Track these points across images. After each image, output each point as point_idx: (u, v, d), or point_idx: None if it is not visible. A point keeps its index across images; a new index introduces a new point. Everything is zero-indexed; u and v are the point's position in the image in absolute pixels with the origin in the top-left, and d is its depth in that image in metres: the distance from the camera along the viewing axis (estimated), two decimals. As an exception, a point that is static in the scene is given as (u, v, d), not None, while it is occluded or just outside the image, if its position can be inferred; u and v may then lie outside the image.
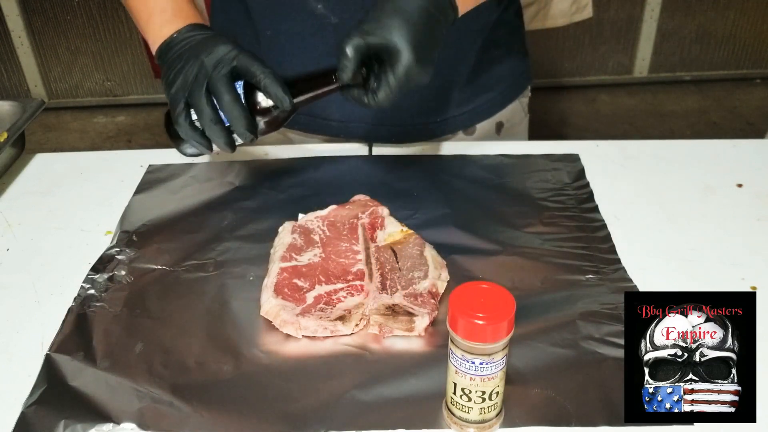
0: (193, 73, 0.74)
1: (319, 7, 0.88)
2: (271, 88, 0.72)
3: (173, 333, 0.69)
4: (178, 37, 0.78)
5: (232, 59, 0.74)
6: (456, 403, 0.58)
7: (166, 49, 0.78)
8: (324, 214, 0.83)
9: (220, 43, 0.75)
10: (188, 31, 0.78)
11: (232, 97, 0.73)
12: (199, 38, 0.77)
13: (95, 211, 0.90)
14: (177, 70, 0.76)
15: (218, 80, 0.73)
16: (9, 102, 1.01)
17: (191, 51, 0.76)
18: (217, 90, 0.73)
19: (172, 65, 0.77)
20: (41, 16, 2.88)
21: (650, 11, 2.97)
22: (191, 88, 0.74)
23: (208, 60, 0.74)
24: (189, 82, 0.74)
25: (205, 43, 0.76)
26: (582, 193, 0.90)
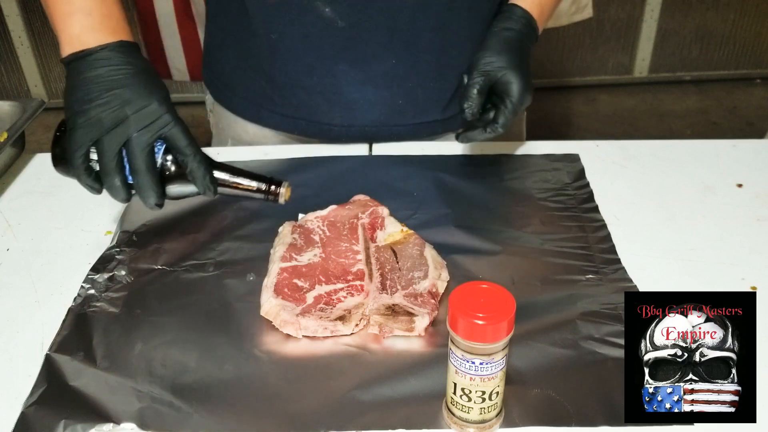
0: (111, 121, 0.67)
1: (327, 11, 0.88)
2: (196, 174, 0.70)
3: (173, 333, 0.69)
4: (102, 55, 0.69)
5: (160, 127, 0.69)
6: (456, 403, 0.58)
7: (83, 62, 0.69)
8: (324, 214, 0.83)
9: (153, 99, 0.68)
10: (117, 54, 0.69)
11: (147, 169, 0.69)
12: (127, 73, 0.69)
13: (95, 211, 0.90)
14: (93, 104, 0.68)
15: (138, 147, 0.68)
16: (9, 102, 1.01)
17: (116, 94, 0.68)
18: (133, 156, 0.68)
19: (88, 91, 0.68)
20: (41, 16, 2.87)
21: (650, 11, 2.97)
22: (105, 139, 0.67)
23: (134, 117, 0.68)
24: (104, 128, 0.67)
25: (134, 88, 0.68)
26: (582, 193, 0.90)
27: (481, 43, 0.86)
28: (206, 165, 0.71)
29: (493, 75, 0.83)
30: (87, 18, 0.70)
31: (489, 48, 0.84)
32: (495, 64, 0.83)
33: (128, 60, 0.70)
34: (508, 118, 0.84)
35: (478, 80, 0.84)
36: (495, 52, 0.84)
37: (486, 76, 0.84)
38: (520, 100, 0.83)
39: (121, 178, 0.70)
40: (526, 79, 0.84)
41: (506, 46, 0.84)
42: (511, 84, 0.83)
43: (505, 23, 0.86)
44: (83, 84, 0.68)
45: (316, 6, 0.88)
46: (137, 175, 0.69)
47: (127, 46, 0.71)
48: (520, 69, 0.84)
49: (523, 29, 0.86)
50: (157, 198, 0.71)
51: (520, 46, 0.85)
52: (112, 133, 0.67)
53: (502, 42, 0.84)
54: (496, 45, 0.84)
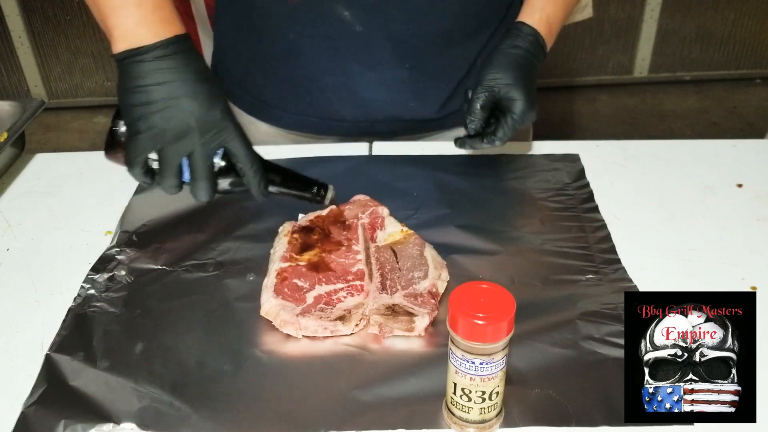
0: (175, 132, 0.66)
1: (346, 14, 0.89)
2: (252, 181, 0.70)
3: (173, 333, 0.69)
4: (159, 54, 0.66)
5: (223, 137, 0.68)
6: (456, 403, 0.58)
7: (141, 63, 0.66)
8: (324, 214, 0.83)
9: (215, 108, 0.67)
10: (174, 53, 0.67)
11: (206, 177, 0.69)
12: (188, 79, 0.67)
13: (95, 211, 0.90)
14: (155, 112, 0.66)
15: (201, 157, 0.68)
16: (9, 102, 1.01)
17: (179, 103, 0.66)
18: (195, 166, 0.68)
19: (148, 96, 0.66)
20: (41, 16, 2.88)
21: (650, 11, 2.97)
22: (168, 149, 0.67)
23: (198, 129, 0.67)
24: (168, 139, 0.66)
25: (197, 97, 0.67)
26: (582, 193, 0.90)
27: (487, 59, 0.87)
28: (261, 173, 0.71)
29: (498, 91, 0.84)
30: (138, 10, 0.67)
31: (495, 65, 0.85)
32: (500, 80, 0.84)
33: (186, 62, 0.67)
34: (507, 134, 0.85)
35: (482, 95, 0.85)
36: (501, 68, 0.85)
37: (490, 91, 0.84)
38: (522, 116, 0.84)
39: (178, 181, 0.69)
40: (530, 96, 0.85)
41: (512, 64, 0.85)
42: (514, 101, 0.84)
43: (512, 41, 0.87)
44: (143, 88, 0.66)
45: (335, 9, 0.89)
46: (196, 180, 0.69)
47: (182, 42, 0.68)
48: (525, 86, 0.84)
49: (530, 47, 0.87)
50: (210, 198, 0.71)
51: (526, 64, 0.86)
52: (177, 144, 0.67)
53: (508, 59, 0.85)
54: (503, 62, 0.85)
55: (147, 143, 0.67)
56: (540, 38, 0.88)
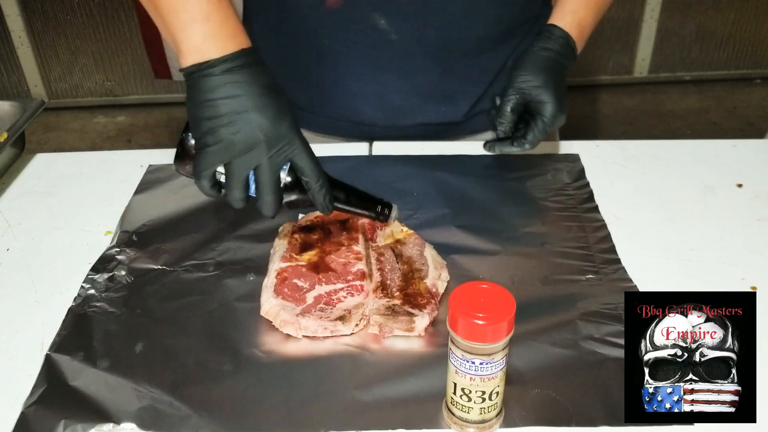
0: (243, 146, 0.66)
1: (382, 23, 0.90)
2: (317, 196, 0.70)
3: (173, 333, 0.69)
4: (225, 68, 0.66)
5: (290, 152, 0.67)
6: (456, 403, 0.58)
7: (208, 77, 0.66)
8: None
9: (283, 123, 0.67)
10: (241, 67, 0.67)
11: (273, 191, 0.68)
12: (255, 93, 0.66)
13: (95, 211, 0.90)
14: (223, 126, 0.66)
15: (268, 172, 0.67)
16: (9, 102, 1.01)
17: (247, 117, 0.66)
18: (262, 180, 0.67)
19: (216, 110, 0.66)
20: (41, 16, 2.88)
21: (650, 11, 2.97)
22: (236, 162, 0.66)
23: (265, 143, 0.66)
24: (236, 153, 0.66)
25: (264, 111, 0.66)
26: (582, 193, 0.90)
27: (517, 61, 0.87)
28: (327, 188, 0.70)
29: (528, 93, 0.85)
30: (206, 25, 0.67)
31: (525, 67, 0.86)
32: (531, 83, 0.85)
33: (254, 75, 0.67)
34: (537, 137, 0.86)
35: (513, 98, 0.85)
36: (531, 71, 0.85)
37: (521, 94, 0.85)
38: (552, 120, 0.85)
39: (245, 194, 0.69)
40: (560, 99, 0.85)
41: (543, 66, 0.85)
42: (545, 104, 0.84)
43: (543, 43, 0.87)
44: (211, 102, 0.66)
45: (372, 17, 0.89)
46: (262, 195, 0.68)
47: (249, 55, 0.68)
48: (555, 89, 0.85)
49: (561, 50, 0.87)
50: (275, 213, 0.70)
51: (556, 67, 0.86)
52: (245, 158, 0.66)
53: (539, 62, 0.86)
54: (533, 64, 0.86)
55: (215, 156, 0.66)
56: (571, 41, 0.88)
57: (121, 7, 2.85)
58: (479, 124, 1.02)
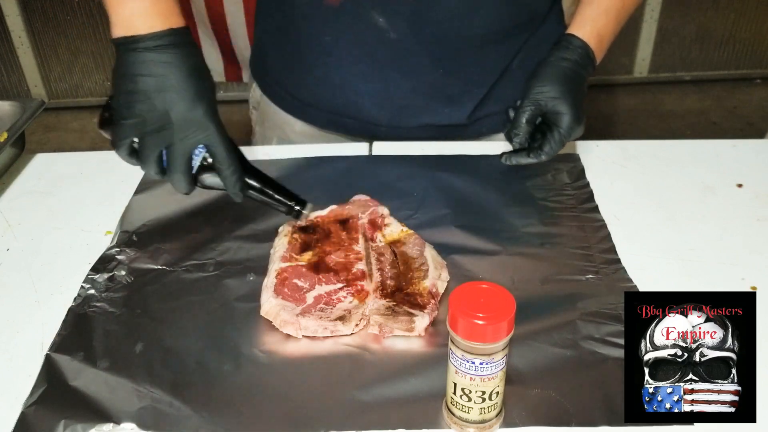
0: (155, 124, 0.67)
1: (381, 21, 0.89)
2: (228, 182, 0.71)
3: (173, 333, 0.69)
4: (151, 44, 0.67)
5: (201, 137, 0.69)
6: (456, 403, 0.58)
7: (133, 52, 0.67)
8: (324, 214, 0.83)
9: (198, 106, 0.68)
10: (167, 45, 0.68)
11: (182, 172, 0.70)
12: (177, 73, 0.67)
13: (95, 211, 0.90)
14: (140, 101, 0.67)
15: (177, 153, 0.69)
16: (9, 102, 1.01)
17: (163, 96, 0.67)
18: (171, 160, 0.69)
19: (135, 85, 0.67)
20: (41, 16, 2.88)
21: (650, 11, 2.97)
22: (147, 139, 0.68)
23: (177, 124, 0.68)
24: (147, 129, 0.68)
25: (182, 93, 0.67)
26: (582, 193, 0.90)
27: (534, 71, 0.86)
28: (239, 175, 0.72)
29: (544, 104, 0.83)
30: (137, 1, 0.68)
31: (542, 77, 0.84)
32: (547, 93, 0.83)
33: (179, 56, 0.68)
34: (554, 148, 0.84)
35: (529, 108, 0.84)
36: (548, 81, 0.84)
37: (536, 105, 0.84)
38: (568, 131, 0.84)
39: (158, 168, 0.71)
40: (577, 110, 0.83)
41: (560, 76, 0.84)
42: (561, 115, 0.83)
43: (561, 53, 0.85)
44: (132, 77, 0.67)
45: (371, 15, 0.89)
46: (171, 173, 0.70)
47: (178, 35, 0.69)
48: (572, 100, 0.83)
49: (579, 60, 0.85)
50: (187, 190, 0.72)
51: (574, 77, 0.85)
52: (155, 136, 0.68)
53: (556, 72, 0.84)
54: (550, 74, 0.84)
55: (129, 130, 0.69)
56: (590, 51, 0.86)
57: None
58: (483, 127, 1.02)
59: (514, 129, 0.85)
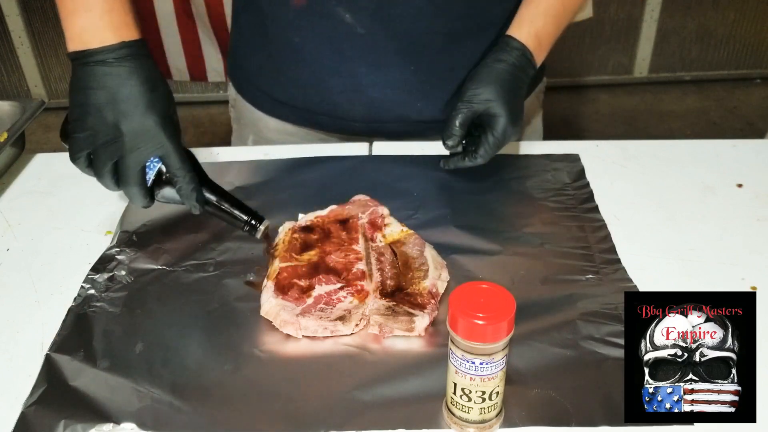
0: (105, 136, 0.68)
1: (347, 17, 0.89)
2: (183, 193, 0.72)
3: (173, 333, 0.69)
4: (101, 58, 0.68)
5: (153, 148, 0.69)
6: (456, 403, 0.58)
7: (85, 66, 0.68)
8: (324, 214, 0.83)
9: (149, 117, 0.68)
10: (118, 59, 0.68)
11: (134, 184, 0.70)
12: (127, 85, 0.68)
13: (95, 211, 0.90)
14: (90, 114, 0.68)
15: (128, 165, 0.69)
16: (9, 102, 1.01)
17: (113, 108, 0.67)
18: (123, 173, 0.69)
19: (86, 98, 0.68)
20: (41, 16, 2.88)
21: (650, 11, 2.97)
22: (99, 152, 0.68)
23: (128, 136, 0.68)
24: (98, 142, 0.68)
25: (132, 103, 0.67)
26: (582, 193, 0.90)
27: (469, 74, 0.85)
28: (195, 186, 0.72)
29: (479, 107, 0.83)
30: (87, 15, 0.68)
31: (477, 79, 0.84)
32: (481, 96, 0.82)
33: (131, 69, 0.68)
34: (489, 151, 0.84)
35: (462, 111, 0.83)
36: (483, 83, 0.83)
37: (470, 107, 0.83)
38: (503, 134, 0.83)
39: (114, 181, 0.71)
40: (512, 113, 0.83)
41: (496, 78, 0.83)
42: (496, 117, 0.82)
43: (498, 54, 0.85)
44: (83, 89, 0.68)
45: (337, 12, 0.89)
46: (124, 186, 0.71)
47: (130, 47, 0.69)
48: (507, 102, 0.82)
49: (516, 61, 0.85)
50: (144, 203, 0.73)
51: (511, 79, 0.84)
52: (106, 148, 0.68)
53: (492, 74, 0.84)
54: (486, 77, 0.83)
55: (82, 144, 0.69)
56: (527, 52, 0.86)
57: (121, 7, 2.85)
58: None
59: (447, 131, 0.84)
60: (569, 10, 0.91)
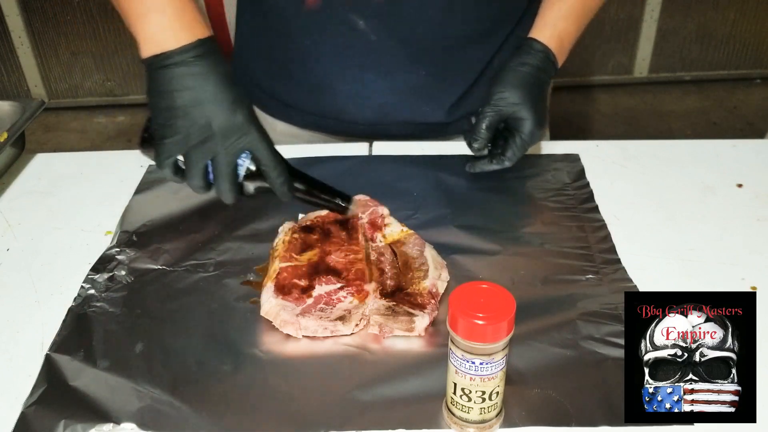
0: (198, 137, 0.67)
1: (360, 23, 0.89)
2: (275, 184, 0.71)
3: (173, 333, 0.69)
4: (181, 59, 0.67)
5: (245, 143, 0.68)
6: (456, 403, 0.58)
7: (164, 68, 0.67)
8: (324, 213, 0.83)
9: (238, 113, 0.67)
10: (196, 58, 0.67)
11: (228, 180, 0.69)
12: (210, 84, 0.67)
13: (95, 211, 0.90)
14: (179, 117, 0.67)
15: (222, 162, 0.68)
16: (9, 102, 1.01)
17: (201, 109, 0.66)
18: (217, 170, 0.69)
19: (172, 101, 0.67)
20: (41, 16, 2.88)
21: (650, 11, 2.97)
22: (192, 153, 0.68)
23: (219, 134, 0.67)
24: (191, 144, 0.67)
25: (219, 103, 0.67)
26: (582, 193, 0.90)
27: (495, 77, 0.86)
28: (285, 176, 0.71)
29: (506, 110, 0.84)
30: (161, 16, 0.68)
31: (503, 83, 0.84)
32: (508, 99, 0.84)
33: (209, 66, 0.68)
34: (516, 153, 0.86)
35: (489, 115, 0.84)
36: (509, 86, 0.84)
37: (497, 111, 0.84)
38: (530, 136, 0.84)
39: (204, 182, 0.70)
40: (538, 115, 0.84)
41: (521, 82, 0.84)
42: (523, 120, 0.84)
43: (522, 58, 0.86)
44: (166, 93, 0.67)
45: (351, 18, 0.89)
46: (218, 183, 0.70)
47: (205, 45, 0.68)
48: (534, 105, 0.84)
49: (540, 64, 0.85)
50: (234, 199, 0.72)
51: (535, 82, 0.85)
52: (200, 148, 0.68)
53: (517, 77, 0.84)
54: (511, 80, 0.84)
55: (172, 147, 0.68)
56: (551, 54, 0.86)
57: (121, 7, 2.85)
58: (465, 125, 1.01)
59: (474, 135, 0.85)
60: (590, 11, 0.92)
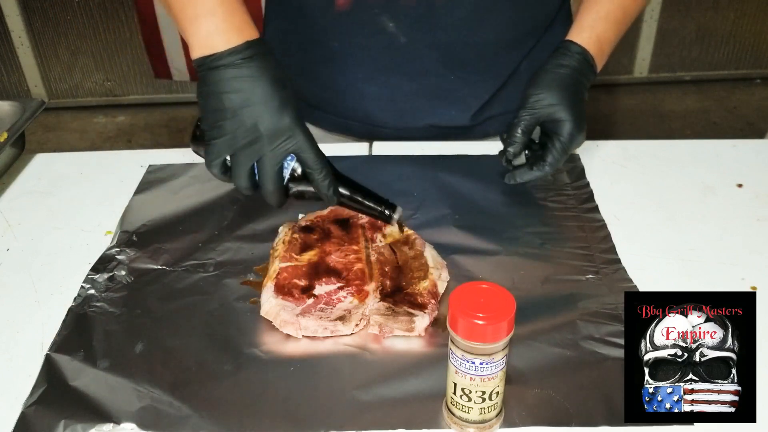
0: (245, 139, 0.68)
1: (391, 26, 0.89)
2: (321, 187, 0.71)
3: (173, 333, 0.69)
4: (230, 61, 0.68)
5: (291, 145, 0.69)
6: (456, 403, 0.58)
7: (214, 70, 0.68)
8: (324, 214, 0.83)
9: (285, 116, 0.68)
10: (246, 60, 0.68)
11: (274, 183, 0.70)
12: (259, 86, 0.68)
13: (95, 211, 0.90)
14: (227, 119, 0.68)
15: (268, 164, 0.69)
16: (9, 102, 1.01)
17: (249, 110, 0.67)
18: (263, 172, 0.69)
19: (221, 103, 0.68)
20: (41, 16, 2.88)
21: (650, 11, 2.97)
22: (239, 154, 0.69)
23: (266, 136, 0.68)
24: (238, 145, 0.68)
25: (267, 105, 0.67)
26: (582, 193, 0.90)
27: (531, 80, 0.83)
28: (331, 179, 0.71)
29: (543, 113, 0.81)
30: (211, 18, 0.68)
31: (539, 84, 0.82)
32: (545, 101, 0.81)
33: (259, 68, 0.68)
34: (557, 158, 0.82)
35: (525, 118, 0.81)
36: (546, 88, 0.81)
37: (534, 114, 0.81)
38: (570, 139, 0.81)
39: (251, 183, 0.70)
40: (577, 117, 0.81)
41: (558, 84, 0.81)
42: (561, 122, 0.80)
43: (559, 59, 0.83)
44: (216, 94, 0.68)
45: (381, 21, 0.89)
46: (264, 185, 0.70)
47: (255, 47, 0.69)
48: (573, 107, 0.81)
49: (578, 66, 0.83)
50: (279, 203, 0.72)
51: (573, 83, 0.82)
52: (247, 150, 0.68)
53: (554, 79, 0.82)
54: (548, 82, 0.82)
55: (221, 148, 0.69)
56: (589, 57, 0.84)
57: (121, 7, 2.85)
58: (489, 128, 1.02)
59: (509, 139, 0.82)
60: (629, 17, 0.88)
